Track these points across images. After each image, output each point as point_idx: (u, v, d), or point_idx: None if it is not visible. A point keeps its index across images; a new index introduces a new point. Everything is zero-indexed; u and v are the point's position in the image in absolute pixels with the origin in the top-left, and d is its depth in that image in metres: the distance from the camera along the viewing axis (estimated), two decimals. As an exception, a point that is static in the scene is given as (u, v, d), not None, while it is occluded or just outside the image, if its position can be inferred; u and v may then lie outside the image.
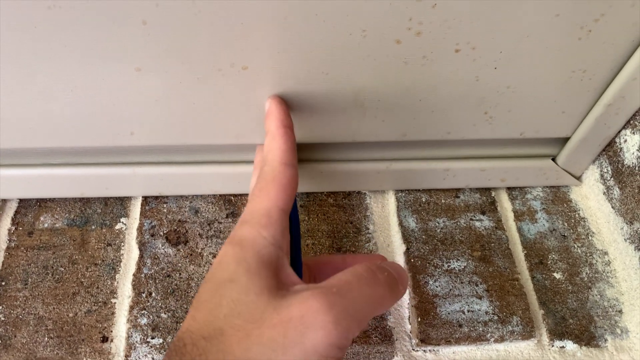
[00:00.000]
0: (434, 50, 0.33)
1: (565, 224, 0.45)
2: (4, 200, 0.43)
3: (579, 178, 0.47)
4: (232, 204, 0.44)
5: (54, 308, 0.38)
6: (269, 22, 0.30)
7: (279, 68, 0.33)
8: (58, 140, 0.37)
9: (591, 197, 0.46)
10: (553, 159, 0.45)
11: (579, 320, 0.40)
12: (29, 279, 0.39)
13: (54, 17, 0.29)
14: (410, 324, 0.39)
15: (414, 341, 0.38)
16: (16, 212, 0.42)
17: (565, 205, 0.47)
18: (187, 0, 0.28)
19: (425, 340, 0.38)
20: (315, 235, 0.43)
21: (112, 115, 0.36)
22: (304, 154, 0.42)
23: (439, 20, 0.31)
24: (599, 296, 0.42)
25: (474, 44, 0.33)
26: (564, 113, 0.40)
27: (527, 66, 0.35)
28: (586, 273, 0.43)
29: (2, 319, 0.37)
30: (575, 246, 0.44)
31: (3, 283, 0.39)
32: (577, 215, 0.46)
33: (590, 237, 0.45)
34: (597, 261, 0.43)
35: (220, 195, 0.44)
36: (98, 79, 0.33)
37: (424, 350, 0.39)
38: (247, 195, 0.44)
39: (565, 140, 0.43)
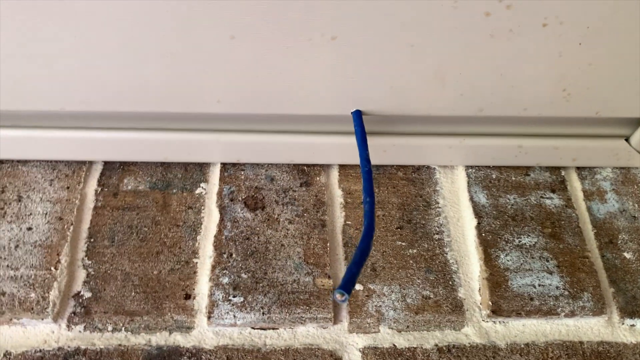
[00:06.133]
0: (522, 24, 0.34)
1: (636, 205, 0.45)
2: (90, 163, 0.45)
3: (651, 160, 0.47)
4: (305, 174, 0.45)
5: (139, 265, 0.40)
6: (364, -8, 0.31)
7: (366, 39, 0.34)
8: (147, 105, 0.39)
9: (664, 179, 0.46)
10: (626, 140, 0.45)
11: (649, 300, 0.41)
12: (116, 237, 0.41)
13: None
14: (480, 295, 0.40)
15: (484, 312, 0.39)
16: (101, 174, 0.44)
17: (635, 187, 0.46)
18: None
19: (496, 311, 0.39)
20: (385, 207, 0.44)
21: (202, 82, 0.37)
22: (377, 126, 0.43)
23: (531, -7, 0.31)
24: (670, 277, 0.42)
25: (563, 19, 0.33)
26: (643, 92, 0.40)
27: (612, 43, 0.35)
28: (657, 254, 0.43)
29: (92, 273, 0.40)
30: (646, 227, 0.44)
31: (92, 240, 0.41)
32: (648, 197, 0.46)
33: (661, 219, 0.45)
34: (668, 243, 0.43)
35: (293, 165, 0.45)
36: (193, 46, 0.34)
37: (494, 322, 0.39)
38: (319, 165, 0.45)
39: (640, 120, 0.43)
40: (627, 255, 0.42)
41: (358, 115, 0.40)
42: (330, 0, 0.32)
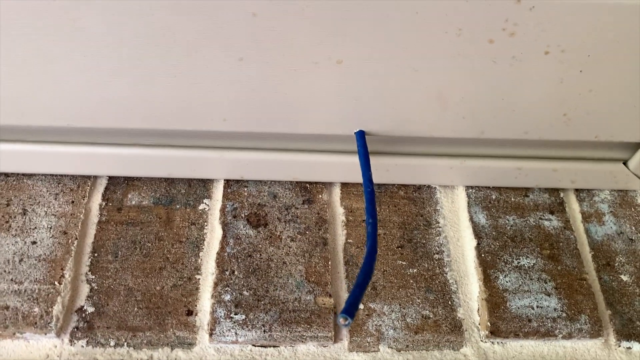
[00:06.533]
0: (525, 52, 0.34)
1: (633, 228, 0.46)
2: (95, 177, 0.45)
3: (648, 183, 0.47)
4: (308, 191, 0.45)
5: (142, 281, 0.40)
6: (370, 18, 0.32)
7: (371, 63, 0.35)
8: (154, 122, 0.39)
9: (661, 202, 0.47)
10: (624, 163, 0.46)
11: (645, 323, 0.41)
12: (119, 252, 0.42)
13: (168, 5, 0.31)
14: (479, 316, 0.41)
15: (483, 333, 0.40)
16: (106, 189, 0.45)
17: (632, 210, 0.47)
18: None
19: (495, 332, 0.39)
20: (386, 226, 0.44)
21: (208, 101, 0.38)
22: (380, 146, 0.43)
23: (534, 22, 0.32)
24: (666, 300, 0.42)
25: (564, 47, 0.34)
26: (642, 118, 0.40)
27: (612, 71, 0.36)
28: (654, 277, 0.43)
29: (96, 287, 0.40)
30: (643, 250, 0.45)
31: (96, 254, 0.41)
32: (645, 220, 0.46)
33: (658, 242, 0.45)
34: (665, 266, 0.44)
35: (296, 182, 0.46)
36: (202, 66, 0.35)
37: (492, 342, 0.40)
38: (321, 183, 0.46)
39: (639, 144, 0.44)
40: (624, 277, 0.43)
41: (361, 135, 0.40)
42: (337, 27, 0.32)
